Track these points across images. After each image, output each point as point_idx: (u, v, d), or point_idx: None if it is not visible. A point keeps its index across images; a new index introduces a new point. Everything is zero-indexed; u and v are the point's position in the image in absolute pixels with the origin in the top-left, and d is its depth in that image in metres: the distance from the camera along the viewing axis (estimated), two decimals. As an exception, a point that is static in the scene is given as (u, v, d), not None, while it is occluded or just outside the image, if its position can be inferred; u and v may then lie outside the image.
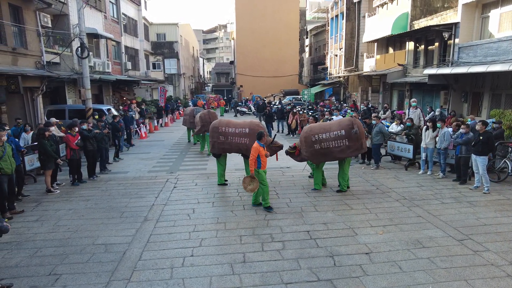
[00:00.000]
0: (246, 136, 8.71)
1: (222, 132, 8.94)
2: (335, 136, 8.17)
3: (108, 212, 7.41)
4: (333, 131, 8.20)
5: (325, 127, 8.44)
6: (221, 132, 8.95)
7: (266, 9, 41.38)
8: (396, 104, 21.24)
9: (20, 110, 12.44)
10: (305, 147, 8.40)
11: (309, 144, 8.31)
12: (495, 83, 13.42)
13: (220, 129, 8.98)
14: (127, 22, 26.19)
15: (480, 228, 6.31)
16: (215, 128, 9.06)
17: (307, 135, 8.36)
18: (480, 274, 4.86)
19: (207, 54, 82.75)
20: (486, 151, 8.16)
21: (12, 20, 11.87)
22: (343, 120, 8.77)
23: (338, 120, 9.44)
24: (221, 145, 9.01)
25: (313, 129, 8.47)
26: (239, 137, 8.78)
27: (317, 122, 10.63)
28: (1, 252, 5.49)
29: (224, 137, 8.93)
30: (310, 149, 8.33)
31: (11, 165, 7.22)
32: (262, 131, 7.62)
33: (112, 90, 21.69)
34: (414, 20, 18.38)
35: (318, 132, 8.30)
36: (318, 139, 8.21)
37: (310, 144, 8.29)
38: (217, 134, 9.00)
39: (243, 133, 8.70)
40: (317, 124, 9.03)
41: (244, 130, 8.70)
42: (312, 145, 8.27)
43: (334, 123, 8.80)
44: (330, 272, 4.95)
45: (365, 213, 7.12)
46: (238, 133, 8.76)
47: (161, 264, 5.22)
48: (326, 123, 9.05)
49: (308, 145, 8.32)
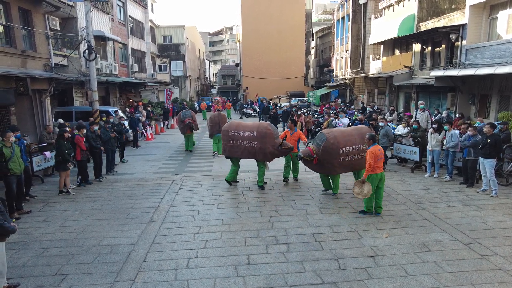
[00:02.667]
0: (254, 140, 8.66)
1: (232, 136, 8.96)
2: (359, 149, 7.87)
3: (113, 213, 7.46)
4: (358, 145, 7.83)
5: (351, 140, 7.83)
6: (231, 135, 8.97)
7: (272, 12, 41.45)
8: (402, 107, 21.09)
9: (29, 112, 12.60)
10: (328, 158, 7.77)
11: (334, 155, 7.72)
12: (503, 85, 13.25)
13: (230, 133, 9.00)
14: (134, 25, 26.43)
15: (487, 232, 6.23)
16: (225, 132, 9.12)
17: (333, 146, 7.65)
18: (488, 278, 4.79)
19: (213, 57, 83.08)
20: (493, 154, 8.06)
21: (21, 23, 12.04)
22: (365, 132, 7.98)
23: (358, 130, 8.26)
24: (231, 149, 9.02)
25: (339, 140, 7.72)
26: (248, 141, 8.76)
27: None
28: (9, 252, 5.54)
29: (234, 140, 8.94)
30: (333, 161, 7.76)
31: (20, 165, 7.34)
32: (372, 134, 7.11)
33: (118, 92, 21.88)
34: (421, 22, 18.26)
35: (345, 144, 7.73)
36: (345, 151, 7.71)
37: (335, 155, 7.72)
38: (227, 137, 9.03)
39: (252, 137, 8.67)
40: (341, 134, 7.96)
41: (253, 134, 8.66)
42: (337, 157, 7.75)
43: (355, 133, 8.07)
44: (334, 275, 4.92)
45: (371, 215, 7.07)
46: (246, 137, 8.75)
47: (166, 266, 5.24)
48: (347, 133, 8.14)
49: (333, 156, 7.74)
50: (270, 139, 8.54)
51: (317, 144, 7.95)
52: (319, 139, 7.95)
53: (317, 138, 8.06)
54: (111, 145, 10.87)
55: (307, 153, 7.96)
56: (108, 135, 10.67)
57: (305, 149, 8.11)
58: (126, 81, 21.08)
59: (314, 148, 7.95)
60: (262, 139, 8.57)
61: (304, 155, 8.00)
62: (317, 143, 7.97)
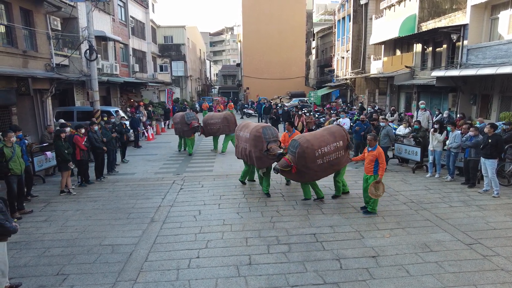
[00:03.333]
0: (247, 142, 8.42)
1: (237, 136, 8.95)
2: (335, 147, 7.65)
3: (115, 213, 7.47)
4: (332, 143, 7.63)
5: (324, 140, 7.61)
6: (237, 136, 8.97)
7: (272, 12, 41.42)
8: (403, 107, 21.08)
9: (30, 112, 12.62)
10: (306, 163, 7.34)
11: (311, 159, 7.33)
12: (504, 85, 13.22)
13: (237, 133, 8.98)
14: (135, 25, 26.44)
15: (489, 232, 6.22)
16: (236, 132, 9.15)
17: (308, 150, 7.29)
18: (490, 279, 4.78)
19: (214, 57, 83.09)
20: (495, 154, 8.05)
21: (23, 23, 12.06)
22: (335, 130, 8.01)
23: (328, 130, 8.14)
24: (237, 149, 9.00)
25: (313, 142, 7.42)
26: (244, 142, 8.63)
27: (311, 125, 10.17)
28: (11, 252, 5.54)
29: (238, 141, 8.92)
30: (312, 165, 7.37)
31: (21, 165, 7.34)
32: (375, 134, 7.07)
33: (119, 92, 21.89)
34: (422, 22, 18.24)
35: (319, 145, 7.44)
36: (321, 153, 7.43)
37: (313, 159, 7.35)
38: (236, 137, 9.04)
39: (246, 139, 8.52)
40: (313, 137, 7.69)
41: (247, 135, 8.45)
42: (315, 160, 7.39)
43: (326, 133, 7.90)
44: (336, 275, 4.92)
45: (372, 216, 7.06)
46: (243, 138, 8.65)
47: (167, 266, 5.24)
48: (318, 134, 7.90)
49: (310, 160, 7.33)
50: (258, 143, 8.10)
51: (291, 152, 7.44)
52: (293, 146, 7.48)
53: (291, 146, 7.57)
54: (112, 145, 10.88)
55: (284, 163, 7.37)
56: (109, 135, 10.68)
57: (282, 161, 7.47)
58: (127, 81, 21.10)
59: (290, 157, 7.43)
60: (252, 142, 8.26)
61: (281, 166, 7.40)
62: (291, 151, 7.47)
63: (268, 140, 8.10)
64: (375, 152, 6.88)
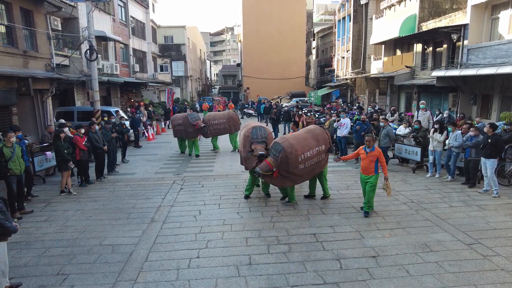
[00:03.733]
0: (240, 141, 8.48)
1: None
2: (317, 152, 7.44)
3: (115, 213, 7.47)
4: (314, 148, 7.39)
5: (308, 144, 7.31)
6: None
7: (273, 12, 41.42)
8: (403, 107, 21.07)
9: (30, 112, 12.63)
10: (289, 168, 7.03)
11: (294, 164, 7.03)
12: (505, 85, 13.21)
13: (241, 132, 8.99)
14: (135, 25, 26.45)
15: (489, 233, 6.21)
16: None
17: (291, 155, 6.96)
18: (490, 279, 4.78)
19: (214, 57, 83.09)
20: (494, 154, 8.04)
21: (23, 23, 12.07)
22: (318, 133, 7.74)
23: (312, 133, 7.77)
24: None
25: (297, 147, 7.08)
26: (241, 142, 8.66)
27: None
28: (11, 252, 5.55)
29: None
30: (295, 170, 7.09)
31: (20, 166, 7.34)
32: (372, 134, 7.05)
33: (120, 92, 21.90)
34: (422, 22, 18.24)
35: (303, 150, 7.13)
36: (304, 158, 7.14)
37: (296, 164, 7.05)
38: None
39: (240, 138, 8.60)
40: (296, 141, 7.27)
41: (241, 135, 8.52)
42: (298, 165, 7.09)
43: (309, 136, 7.59)
44: (336, 275, 4.92)
45: (372, 216, 7.06)
46: (241, 138, 8.69)
47: (167, 266, 5.24)
48: (302, 137, 7.53)
49: (293, 165, 7.04)
50: (246, 143, 8.00)
51: (274, 156, 7.07)
52: (275, 150, 7.10)
53: (273, 149, 7.17)
54: (112, 145, 10.89)
55: (266, 167, 6.99)
56: (109, 135, 10.68)
57: (263, 164, 7.06)
58: (127, 81, 21.11)
59: (272, 160, 7.03)
60: (242, 142, 8.30)
61: (263, 170, 6.99)
62: (274, 154, 7.09)
63: (256, 140, 7.88)
64: (375, 152, 6.87)
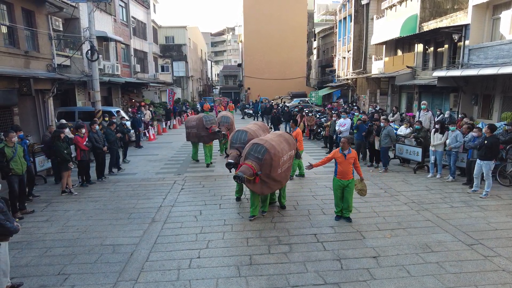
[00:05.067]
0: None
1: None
2: (289, 157, 7.05)
3: (116, 213, 7.48)
4: (288, 152, 6.97)
5: (284, 148, 6.87)
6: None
7: (274, 12, 41.43)
8: (404, 107, 21.05)
9: (31, 112, 12.65)
10: (271, 172, 6.41)
11: (276, 167, 6.46)
12: (506, 86, 13.19)
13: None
14: (136, 25, 26.49)
15: (491, 233, 6.20)
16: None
17: (275, 157, 6.40)
18: (491, 280, 4.77)
19: (215, 57, 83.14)
20: (490, 156, 7.98)
21: (24, 24, 12.09)
22: (288, 138, 7.41)
23: (282, 137, 7.32)
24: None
25: (278, 149, 6.58)
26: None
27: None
28: (12, 252, 5.57)
29: None
30: (275, 174, 6.51)
31: (22, 166, 7.35)
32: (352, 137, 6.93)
33: (121, 92, 21.93)
34: (423, 22, 18.22)
35: (282, 153, 6.64)
36: (282, 161, 6.67)
37: (277, 167, 6.50)
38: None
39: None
40: (275, 142, 6.73)
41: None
42: (278, 169, 6.54)
43: (283, 139, 7.14)
44: (337, 276, 4.92)
45: (373, 216, 7.06)
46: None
47: (168, 266, 5.25)
48: (277, 140, 6.96)
49: (276, 169, 6.46)
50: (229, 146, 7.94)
51: (256, 159, 6.37)
52: (257, 152, 6.41)
53: (253, 152, 6.45)
54: (116, 146, 10.92)
55: (249, 171, 6.16)
56: (114, 136, 10.71)
57: (244, 167, 6.23)
58: (129, 81, 21.14)
59: (253, 164, 6.29)
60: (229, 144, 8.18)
61: (246, 174, 6.12)
62: (255, 157, 6.39)
63: (233, 145, 7.76)
64: (352, 154, 6.67)
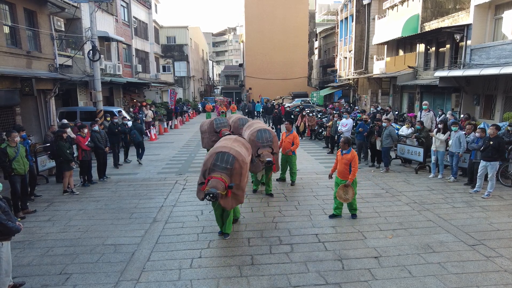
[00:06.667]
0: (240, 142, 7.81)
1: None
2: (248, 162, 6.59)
3: (117, 213, 7.49)
4: (248, 157, 6.55)
5: (245, 153, 6.45)
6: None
7: (275, 12, 41.45)
8: (406, 107, 21.01)
9: (33, 112, 12.70)
10: (241, 181, 5.90)
11: (244, 175, 6.02)
12: (508, 86, 13.15)
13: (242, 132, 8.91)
14: (137, 25, 26.54)
15: (493, 233, 6.18)
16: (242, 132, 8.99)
17: (244, 165, 5.94)
18: (493, 280, 4.75)
19: (217, 57, 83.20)
20: (496, 157, 7.96)
21: (27, 24, 12.14)
22: (245, 142, 7.11)
23: (240, 142, 6.92)
24: None
25: (244, 156, 6.18)
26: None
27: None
28: (14, 251, 5.58)
29: None
30: (243, 184, 6.01)
31: (24, 165, 7.38)
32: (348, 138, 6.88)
33: (122, 92, 21.99)
34: (425, 22, 18.18)
35: (247, 159, 6.28)
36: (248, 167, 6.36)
37: (245, 175, 6.10)
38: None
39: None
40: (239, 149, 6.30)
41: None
42: (245, 177, 6.16)
43: (241, 145, 6.75)
44: (338, 276, 4.91)
45: (374, 216, 7.05)
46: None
47: (169, 265, 5.25)
48: (239, 146, 6.58)
49: (244, 177, 6.03)
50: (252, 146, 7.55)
51: (224, 169, 5.71)
52: (224, 162, 5.75)
53: (219, 162, 5.74)
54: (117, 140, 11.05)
55: (222, 186, 5.50)
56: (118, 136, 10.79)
57: (215, 182, 5.48)
58: (130, 81, 21.19)
59: (223, 176, 5.63)
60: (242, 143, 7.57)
61: (220, 190, 5.45)
62: (223, 167, 5.71)
63: (262, 144, 7.66)
64: (349, 155, 6.65)
